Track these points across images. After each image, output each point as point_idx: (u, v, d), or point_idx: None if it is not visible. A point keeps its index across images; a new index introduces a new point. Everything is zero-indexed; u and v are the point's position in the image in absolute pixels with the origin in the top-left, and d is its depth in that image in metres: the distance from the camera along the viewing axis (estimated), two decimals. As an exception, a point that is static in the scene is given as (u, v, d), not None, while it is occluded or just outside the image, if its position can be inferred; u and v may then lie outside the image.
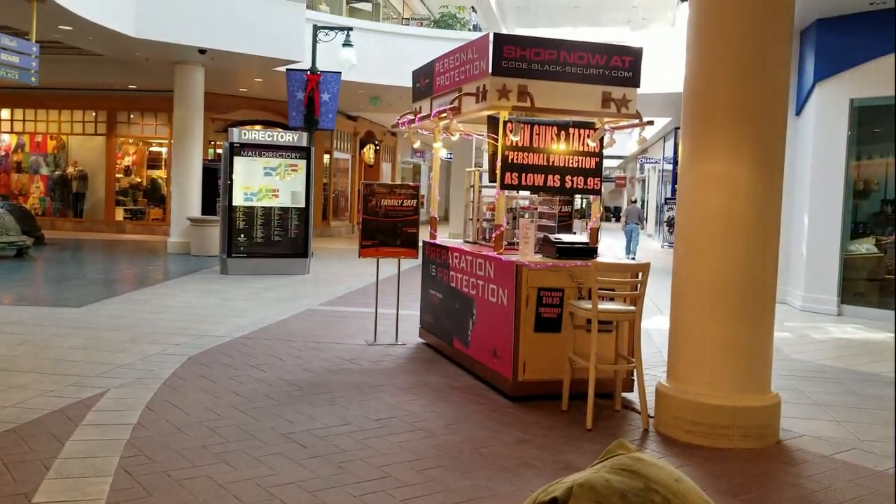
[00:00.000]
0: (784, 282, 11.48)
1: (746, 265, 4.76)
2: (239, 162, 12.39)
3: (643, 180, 35.00)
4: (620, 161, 42.39)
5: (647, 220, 30.94)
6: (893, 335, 8.66)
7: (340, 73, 14.56)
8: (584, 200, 9.67)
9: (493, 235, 6.15)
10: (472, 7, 22.20)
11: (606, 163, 37.45)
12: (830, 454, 4.58)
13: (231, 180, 12.33)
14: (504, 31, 30.44)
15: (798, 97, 11.49)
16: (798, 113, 11.51)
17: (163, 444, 4.31)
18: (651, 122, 6.35)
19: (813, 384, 6.36)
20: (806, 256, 10.96)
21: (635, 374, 5.18)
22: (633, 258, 19.59)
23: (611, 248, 24.64)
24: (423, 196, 25.83)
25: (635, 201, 25.52)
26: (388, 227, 7.12)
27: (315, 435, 4.57)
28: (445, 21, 20.86)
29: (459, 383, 5.98)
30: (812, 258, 10.83)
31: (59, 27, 12.62)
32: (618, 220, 47.63)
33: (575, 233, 7.24)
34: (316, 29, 14.29)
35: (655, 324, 8.64)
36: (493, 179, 6.16)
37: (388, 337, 7.41)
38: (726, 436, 4.63)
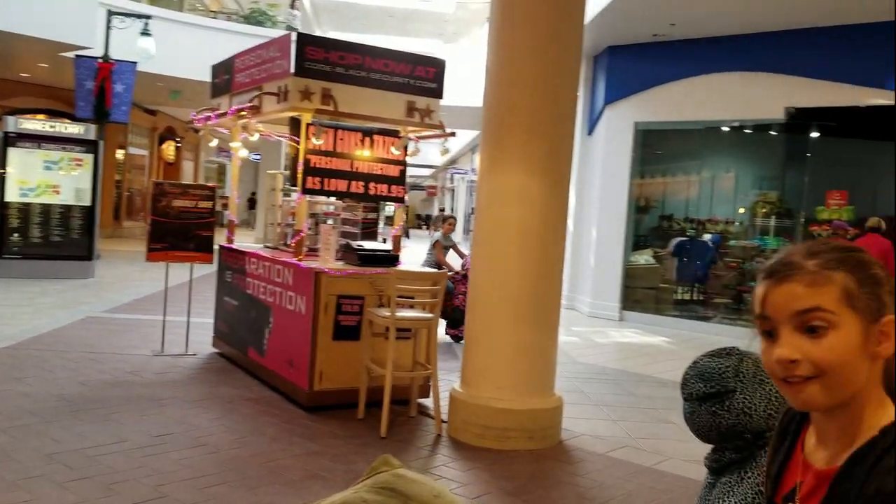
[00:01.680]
0: (574, 289, 12.26)
1: (537, 274, 4.97)
2: (15, 154, 11.22)
3: (453, 190, 36.00)
4: (432, 171, 43.32)
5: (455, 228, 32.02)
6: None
7: (136, 63, 13.62)
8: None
9: (294, 241, 5.99)
10: (293, 4, 21.63)
11: (419, 171, 37.96)
12: (605, 452, 4.88)
13: (4, 174, 11.12)
14: (318, 34, 30.11)
15: (590, 118, 12.31)
16: (590, 133, 12.32)
17: None
18: (453, 134, 6.48)
19: (594, 385, 6.78)
20: (594, 266, 11.73)
21: (431, 380, 5.24)
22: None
23: (419, 255, 25.09)
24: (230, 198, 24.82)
25: (443, 210, 26.70)
26: (181, 230, 6.72)
27: (84, 455, 4.17)
28: (255, 17, 20.24)
29: (253, 395, 5.75)
30: (599, 268, 11.61)
31: None
32: (428, 227, 49.65)
33: (385, 240, 7.24)
34: (110, 14, 13.29)
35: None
36: (294, 183, 6.00)
37: (177, 347, 6.97)
38: (513, 438, 4.80)
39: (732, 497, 2.42)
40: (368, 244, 6.06)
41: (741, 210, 12.53)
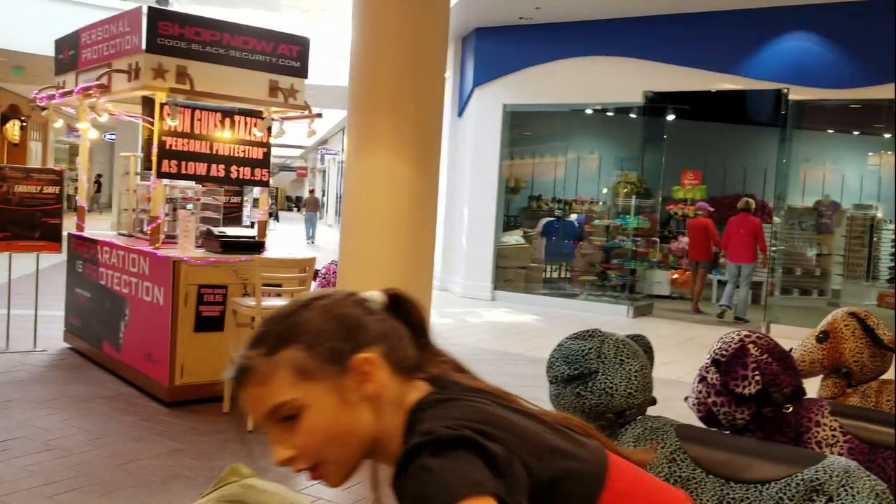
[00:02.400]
0: (447, 271, 12.36)
1: (408, 259, 4.93)
2: None
3: (324, 171, 35.43)
4: (302, 150, 42.44)
5: (326, 209, 31.70)
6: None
7: (-29, 35, 12.47)
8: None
9: (150, 228, 5.66)
10: None
11: (289, 152, 37.17)
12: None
13: None
14: (175, 8, 28.67)
15: (460, 100, 12.38)
16: (460, 114, 12.40)
17: None
18: (320, 115, 6.32)
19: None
20: (466, 247, 11.86)
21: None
22: (313, 242, 20.81)
23: (289, 235, 24.59)
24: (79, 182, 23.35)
25: (313, 191, 26.78)
26: (24, 218, 6.20)
27: (-89, 469, 3.79)
28: (107, -11, 19.01)
29: (109, 392, 5.42)
30: (471, 248, 11.76)
31: None
32: (300, 209, 48.92)
33: (253, 224, 6.97)
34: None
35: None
36: (148, 167, 5.66)
37: (23, 343, 6.45)
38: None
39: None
40: (231, 230, 5.83)
41: (604, 190, 13.03)
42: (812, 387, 3.44)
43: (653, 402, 2.64)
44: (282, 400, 1.01)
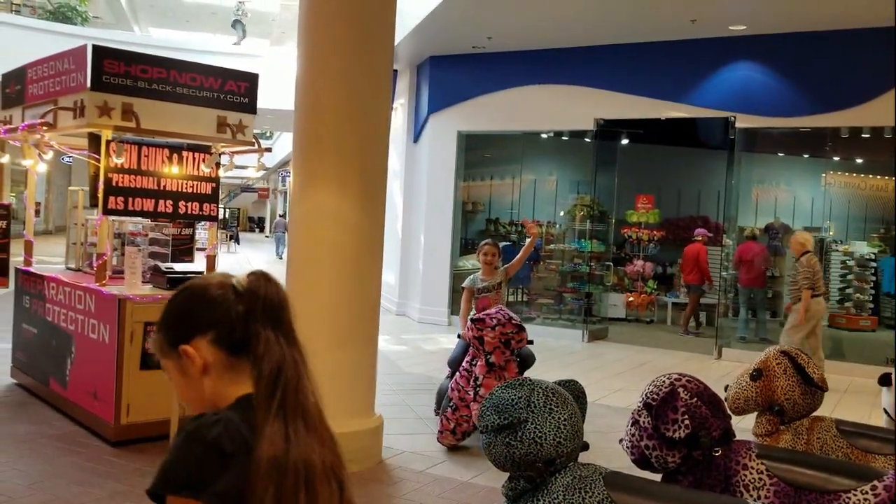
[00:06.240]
0: (404, 296, 12.38)
1: (354, 296, 4.96)
2: None
3: (285, 192, 35.27)
4: (263, 172, 42.26)
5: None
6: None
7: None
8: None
9: (96, 265, 5.60)
10: None
11: (249, 173, 36.79)
12: (424, 469, 4.96)
13: None
14: (137, 32, 28.45)
15: (415, 126, 12.47)
16: (416, 140, 12.48)
17: None
18: (269, 150, 6.36)
19: (418, 397, 6.85)
20: (422, 272, 11.88)
21: (249, 407, 5.07)
22: (281, 258, 21.94)
23: (249, 260, 24.36)
24: (27, 215, 22.99)
25: (283, 215, 28.17)
26: (-33, 254, 6.11)
27: None
28: (63, 13, 18.83)
29: (55, 431, 5.33)
30: (427, 273, 11.78)
31: None
32: (261, 230, 49.48)
33: (217, 252, 6.92)
34: None
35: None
36: (94, 203, 5.61)
37: (-33, 381, 6.34)
38: (333, 463, 4.74)
39: (524, 526, 2.52)
40: (179, 266, 5.80)
41: (561, 213, 13.19)
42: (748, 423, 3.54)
43: (585, 447, 2.69)
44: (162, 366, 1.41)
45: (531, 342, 5.43)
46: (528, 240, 6.20)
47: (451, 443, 5.35)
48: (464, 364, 5.39)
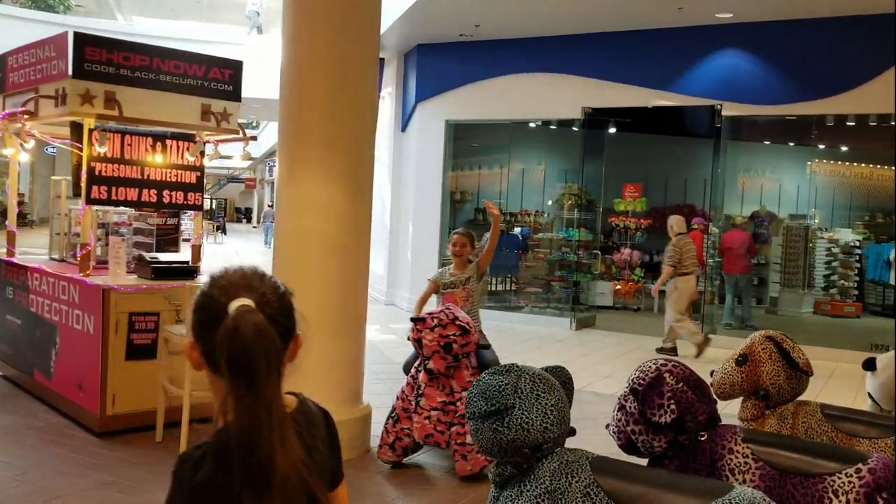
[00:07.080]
0: (393, 285, 12.36)
1: (342, 285, 4.94)
2: None
3: (272, 182, 35.13)
4: (250, 162, 42.05)
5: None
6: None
7: None
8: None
9: (80, 255, 5.55)
10: None
11: (235, 163, 36.69)
12: (412, 457, 4.95)
13: None
14: (120, 20, 28.16)
15: (403, 115, 12.41)
16: (403, 129, 12.43)
17: None
18: (254, 138, 6.32)
19: (408, 387, 6.85)
20: (411, 261, 11.87)
21: (235, 396, 5.05)
22: (269, 247, 22.10)
23: (237, 250, 24.27)
24: (9, 205, 22.76)
25: (272, 205, 28.05)
26: (-52, 244, 6.04)
27: None
28: (46, 1, 18.60)
29: (39, 422, 5.29)
30: (416, 262, 11.76)
31: None
32: (248, 220, 49.42)
33: (202, 242, 6.85)
34: None
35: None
36: (78, 193, 5.56)
37: (-50, 373, 6.28)
38: (321, 452, 4.74)
39: (512, 510, 2.52)
40: (164, 256, 5.75)
41: (549, 202, 13.20)
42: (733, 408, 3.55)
43: (572, 433, 2.69)
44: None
45: (487, 346, 4.89)
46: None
47: (391, 459, 4.71)
48: (411, 371, 4.83)
